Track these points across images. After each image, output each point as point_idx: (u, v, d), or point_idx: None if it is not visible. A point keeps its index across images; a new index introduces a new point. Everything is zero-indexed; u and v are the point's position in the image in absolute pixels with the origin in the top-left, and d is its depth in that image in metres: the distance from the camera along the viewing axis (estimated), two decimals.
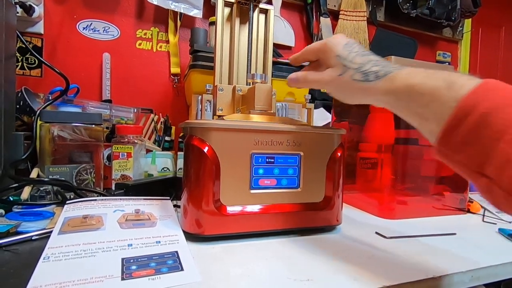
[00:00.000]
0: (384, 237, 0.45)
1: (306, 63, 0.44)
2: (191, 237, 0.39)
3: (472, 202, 0.63)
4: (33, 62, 0.85)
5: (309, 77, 0.41)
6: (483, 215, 0.58)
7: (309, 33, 1.17)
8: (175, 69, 0.98)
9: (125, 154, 0.65)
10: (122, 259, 0.32)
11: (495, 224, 0.53)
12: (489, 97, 0.24)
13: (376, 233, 0.46)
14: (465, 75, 0.28)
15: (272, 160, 0.42)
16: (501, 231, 0.48)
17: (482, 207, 0.62)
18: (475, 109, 0.24)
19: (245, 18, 0.54)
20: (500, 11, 1.58)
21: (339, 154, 0.46)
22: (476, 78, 0.26)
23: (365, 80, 0.34)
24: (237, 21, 0.54)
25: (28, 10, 0.78)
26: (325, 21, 1.12)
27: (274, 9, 0.57)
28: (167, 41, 0.98)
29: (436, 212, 0.59)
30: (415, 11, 1.20)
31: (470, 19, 1.45)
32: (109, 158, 0.67)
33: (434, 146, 0.28)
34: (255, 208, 0.42)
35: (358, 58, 0.35)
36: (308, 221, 0.45)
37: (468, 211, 0.61)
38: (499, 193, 0.24)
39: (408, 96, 0.30)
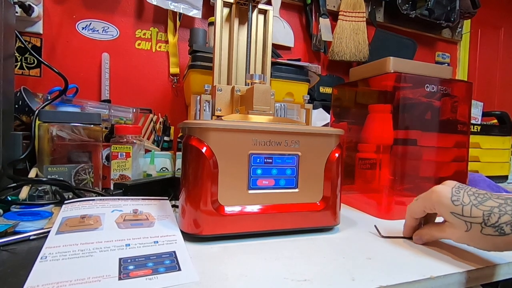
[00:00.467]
0: (381, 235, 0.45)
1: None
2: (189, 237, 0.39)
3: None
4: (32, 62, 0.85)
5: (435, 234, 0.40)
6: None
7: (308, 34, 1.18)
8: (174, 69, 0.98)
9: (124, 154, 0.65)
10: (120, 259, 0.32)
11: None
12: None
13: (375, 226, 0.47)
14: None
15: (270, 161, 0.43)
16: None
17: None
18: None
19: (244, 18, 0.55)
20: (499, 12, 1.59)
21: (337, 154, 0.46)
22: None
23: (501, 234, 0.32)
24: (236, 22, 0.54)
25: (27, 9, 0.78)
26: (325, 22, 1.13)
27: (274, 10, 0.57)
28: (166, 41, 0.98)
29: None
30: (414, 12, 1.20)
31: (469, 20, 1.45)
32: (107, 158, 0.67)
33: None
34: (253, 208, 0.42)
35: (475, 209, 0.33)
36: (306, 221, 0.45)
37: None
38: None
39: None
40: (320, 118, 0.95)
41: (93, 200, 0.46)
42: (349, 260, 0.36)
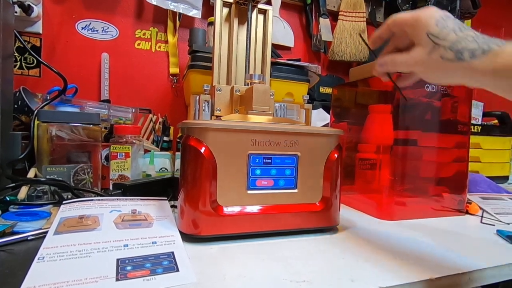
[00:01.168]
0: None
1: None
2: (187, 237, 0.39)
3: (470, 203, 0.62)
4: (31, 62, 0.85)
5: (397, 59, 0.37)
6: (482, 217, 0.58)
7: (308, 34, 1.18)
8: (174, 69, 0.98)
9: (123, 154, 0.65)
10: (117, 259, 0.32)
11: (493, 225, 0.53)
12: None
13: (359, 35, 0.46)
14: None
15: (270, 161, 0.42)
16: (499, 232, 0.48)
17: (480, 208, 0.61)
18: None
19: (243, 18, 0.54)
20: (500, 12, 1.58)
21: (336, 155, 0.46)
22: None
23: (457, 59, 0.31)
24: (235, 22, 0.54)
25: (27, 9, 0.78)
26: (325, 22, 1.12)
27: (273, 10, 0.57)
28: (166, 41, 0.98)
29: (435, 213, 0.59)
30: None
31: (470, 20, 1.45)
32: (107, 158, 0.67)
33: None
34: (252, 208, 0.42)
35: (452, 35, 0.32)
36: (305, 222, 0.44)
37: (467, 212, 0.61)
38: None
39: None
40: (320, 118, 0.95)
41: (92, 200, 0.45)
42: (348, 261, 0.36)
